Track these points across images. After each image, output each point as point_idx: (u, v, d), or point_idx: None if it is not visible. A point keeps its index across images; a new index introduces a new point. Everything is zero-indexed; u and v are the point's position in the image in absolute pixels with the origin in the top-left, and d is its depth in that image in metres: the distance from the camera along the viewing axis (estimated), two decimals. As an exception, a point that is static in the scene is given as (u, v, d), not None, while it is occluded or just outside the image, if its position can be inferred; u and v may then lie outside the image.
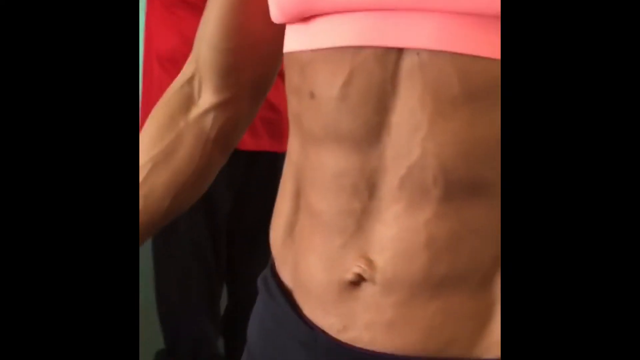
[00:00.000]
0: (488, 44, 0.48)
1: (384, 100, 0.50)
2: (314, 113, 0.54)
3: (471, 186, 0.51)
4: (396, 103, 0.50)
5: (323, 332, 0.56)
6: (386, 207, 0.52)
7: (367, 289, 0.53)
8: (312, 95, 0.54)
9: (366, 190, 0.53)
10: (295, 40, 0.56)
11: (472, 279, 0.52)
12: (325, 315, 0.56)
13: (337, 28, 0.52)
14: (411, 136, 0.50)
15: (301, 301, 0.59)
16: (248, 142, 1.56)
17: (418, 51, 0.49)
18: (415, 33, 0.49)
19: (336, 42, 0.52)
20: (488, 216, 0.51)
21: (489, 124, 0.49)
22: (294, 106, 0.58)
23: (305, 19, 0.54)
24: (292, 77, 0.57)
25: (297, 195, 0.59)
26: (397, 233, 0.52)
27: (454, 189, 0.50)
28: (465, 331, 0.53)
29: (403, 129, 0.50)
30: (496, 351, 0.53)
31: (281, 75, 0.61)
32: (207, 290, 1.64)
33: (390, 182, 0.51)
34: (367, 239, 0.53)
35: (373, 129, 0.51)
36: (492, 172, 0.50)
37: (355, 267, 0.53)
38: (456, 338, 0.53)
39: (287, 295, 0.61)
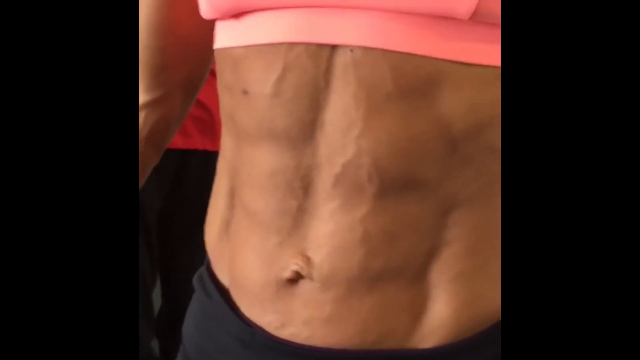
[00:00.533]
0: (421, 42, 0.48)
1: (318, 97, 0.50)
2: (248, 110, 0.54)
3: (406, 183, 0.51)
4: (330, 100, 0.50)
5: (261, 329, 0.56)
6: (322, 205, 0.52)
7: (304, 285, 0.54)
8: (245, 92, 0.53)
9: (301, 188, 0.53)
10: (226, 37, 0.55)
11: (408, 273, 0.53)
12: (263, 312, 0.56)
13: (270, 24, 0.51)
14: (345, 134, 0.50)
15: (238, 299, 0.59)
16: (178, 141, 1.54)
17: (352, 48, 0.49)
18: (349, 30, 0.48)
19: (269, 39, 0.51)
20: (423, 211, 0.52)
21: (423, 121, 0.49)
22: (227, 103, 0.57)
23: (237, 15, 0.53)
24: (224, 74, 0.56)
25: (232, 193, 0.59)
26: (333, 230, 0.52)
27: (388, 186, 0.51)
28: (401, 323, 0.54)
29: (337, 126, 0.50)
30: (431, 341, 0.54)
31: (212, 73, 0.60)
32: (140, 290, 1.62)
33: (325, 180, 0.52)
34: (304, 237, 0.53)
35: (307, 126, 0.51)
36: (426, 168, 0.51)
37: (293, 265, 0.53)
38: (392, 330, 0.54)
39: (223, 293, 0.61)
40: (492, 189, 0.53)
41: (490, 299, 0.55)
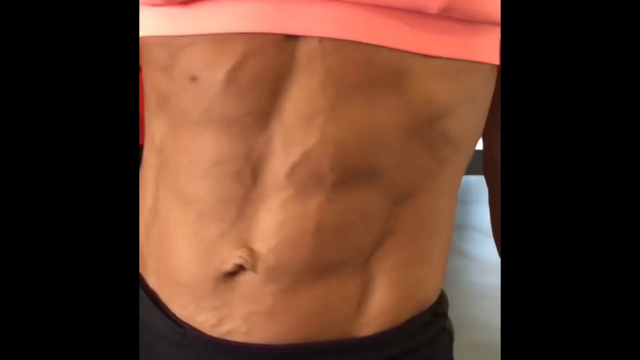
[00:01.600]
0: (390, 35, 0.48)
1: (278, 86, 0.50)
2: (194, 96, 0.51)
3: (364, 172, 0.51)
4: (292, 89, 0.50)
5: (194, 328, 0.55)
6: (272, 195, 0.51)
7: (246, 278, 0.52)
8: (194, 78, 0.51)
9: (250, 177, 0.51)
10: (169, 24, 0.52)
11: (354, 263, 0.53)
12: (199, 310, 0.54)
13: (228, 13, 0.50)
14: (308, 122, 0.49)
15: (168, 297, 0.56)
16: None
17: (320, 39, 0.49)
18: (318, 21, 0.48)
19: (232, 27, 0.50)
20: (375, 200, 0.52)
21: (388, 110, 0.50)
22: (162, 89, 0.54)
23: (187, 2, 0.51)
24: (159, 60, 0.53)
25: (159, 183, 0.56)
26: (283, 221, 0.51)
27: (348, 175, 0.51)
28: (342, 313, 0.54)
29: (299, 114, 0.50)
30: (372, 328, 0.54)
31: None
32: None
33: (278, 169, 0.50)
34: (248, 228, 0.52)
35: (262, 114, 0.50)
36: (386, 157, 0.51)
37: (236, 258, 0.52)
38: (334, 321, 0.53)
39: (150, 292, 0.58)
40: (437, 179, 0.54)
41: (427, 285, 0.56)
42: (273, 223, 0.51)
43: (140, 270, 0.60)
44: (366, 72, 0.49)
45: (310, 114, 0.49)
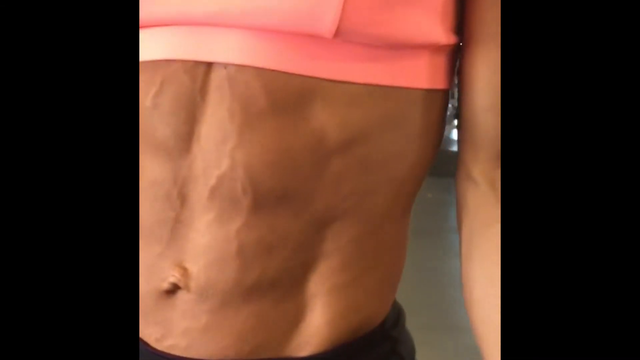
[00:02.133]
0: (290, 60, 0.49)
1: (194, 111, 0.51)
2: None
3: (279, 196, 0.52)
4: (206, 114, 0.51)
5: (143, 341, 0.57)
6: (198, 216, 0.53)
7: (182, 297, 0.54)
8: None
9: (178, 199, 0.53)
10: None
11: (283, 284, 0.54)
12: (145, 324, 0.56)
13: (150, 41, 0.52)
14: (220, 147, 0.51)
15: None
16: None
17: (225, 65, 0.50)
18: (222, 48, 0.50)
19: (150, 55, 0.52)
20: (297, 225, 0.53)
21: (296, 135, 0.51)
22: None
23: None
24: None
25: None
26: (209, 242, 0.52)
27: (263, 199, 0.52)
28: (276, 333, 0.55)
29: (212, 139, 0.51)
30: (306, 350, 0.56)
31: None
32: None
33: (201, 192, 0.52)
34: (181, 248, 0.53)
35: (183, 139, 0.52)
36: (300, 182, 0.52)
37: (171, 277, 0.54)
38: (268, 340, 0.55)
39: None
40: (366, 204, 0.55)
41: (364, 310, 0.57)
42: (201, 244, 0.53)
43: None
44: (270, 97, 0.50)
45: (220, 139, 0.51)
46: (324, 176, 0.52)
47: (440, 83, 0.55)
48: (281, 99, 0.50)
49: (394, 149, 0.54)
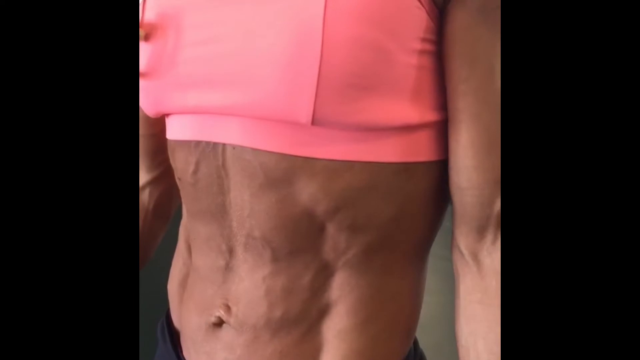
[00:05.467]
0: (277, 142, 0.58)
1: (222, 184, 0.62)
2: (184, 192, 0.67)
3: (290, 251, 0.61)
4: (230, 186, 0.61)
5: None
6: (240, 265, 0.64)
7: (225, 330, 0.65)
8: (179, 179, 0.66)
9: (227, 251, 0.64)
10: (167, 130, 0.67)
11: (302, 325, 0.63)
12: (196, 353, 0.68)
13: (179, 125, 0.63)
14: (241, 213, 0.61)
15: (182, 342, 0.72)
16: None
17: (234, 146, 0.60)
18: (229, 132, 0.59)
19: (182, 136, 0.63)
20: (308, 274, 0.62)
21: (291, 205, 0.59)
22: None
23: (166, 115, 0.66)
24: (170, 159, 0.69)
25: (188, 252, 0.72)
26: (246, 286, 0.63)
27: (279, 253, 0.61)
28: None
29: (236, 207, 0.61)
30: None
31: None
32: None
33: (239, 246, 0.63)
34: (228, 290, 0.65)
35: (220, 206, 0.63)
36: (302, 241, 0.61)
37: (217, 312, 0.65)
38: None
39: (174, 337, 0.75)
40: (363, 260, 0.62)
41: (370, 356, 0.64)
42: (241, 287, 0.64)
43: (172, 317, 0.76)
44: (265, 173, 0.59)
45: (240, 207, 0.61)
46: (321, 236, 0.61)
47: (421, 156, 0.60)
48: (274, 175, 0.59)
49: (381, 213, 0.61)
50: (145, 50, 0.62)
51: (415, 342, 0.70)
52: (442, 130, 0.60)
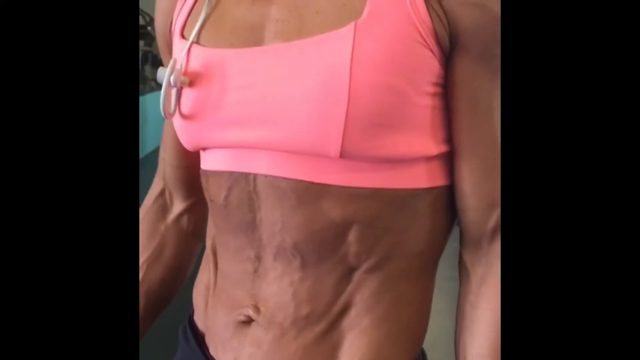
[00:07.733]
0: (308, 173, 0.66)
1: (252, 205, 0.71)
2: (214, 212, 0.76)
3: (317, 259, 0.70)
4: (260, 207, 0.70)
5: None
6: (269, 272, 0.72)
7: (253, 328, 0.73)
8: (211, 201, 0.76)
9: (256, 261, 0.72)
10: (203, 162, 0.77)
11: (324, 323, 0.71)
12: (224, 350, 0.76)
13: (217, 157, 0.73)
14: (273, 228, 0.70)
15: (208, 341, 0.79)
16: None
17: (266, 175, 0.69)
18: (263, 164, 0.68)
19: (219, 167, 0.73)
20: (332, 278, 0.70)
21: (319, 221, 0.68)
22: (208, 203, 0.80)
23: (203, 149, 0.75)
24: (203, 185, 0.78)
25: (215, 261, 0.81)
26: (274, 289, 0.72)
27: (307, 260, 0.70)
28: None
29: (267, 223, 0.70)
30: None
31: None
32: None
33: (268, 256, 0.71)
34: (257, 292, 0.73)
35: (250, 223, 0.71)
36: (328, 250, 0.69)
37: (246, 311, 0.73)
38: None
39: (198, 338, 0.82)
40: (383, 267, 0.70)
41: (385, 352, 0.71)
42: (269, 291, 0.72)
43: (195, 320, 0.84)
44: (297, 197, 0.67)
45: (272, 223, 0.70)
46: (344, 245, 0.69)
47: (440, 181, 0.70)
48: (304, 198, 0.67)
49: (399, 228, 0.69)
50: (189, 95, 0.71)
51: (424, 355, 0.78)
52: (451, 159, 0.70)
